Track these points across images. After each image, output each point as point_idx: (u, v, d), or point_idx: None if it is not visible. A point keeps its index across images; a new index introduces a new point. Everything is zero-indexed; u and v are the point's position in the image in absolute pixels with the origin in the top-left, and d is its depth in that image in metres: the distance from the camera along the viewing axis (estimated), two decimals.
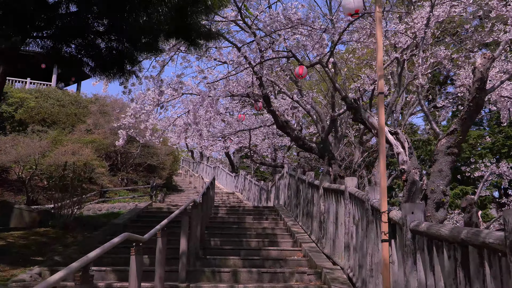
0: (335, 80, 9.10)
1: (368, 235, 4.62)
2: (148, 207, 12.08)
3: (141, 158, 19.07)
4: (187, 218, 5.62)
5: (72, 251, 6.80)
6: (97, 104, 20.48)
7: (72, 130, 18.80)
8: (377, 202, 4.44)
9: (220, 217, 10.79)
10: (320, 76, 17.44)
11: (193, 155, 35.80)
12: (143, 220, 9.98)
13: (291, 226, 9.17)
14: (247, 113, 18.55)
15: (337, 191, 6.50)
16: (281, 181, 13.92)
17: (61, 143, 16.12)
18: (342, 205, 6.18)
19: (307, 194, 9.05)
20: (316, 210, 8.00)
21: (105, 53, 6.78)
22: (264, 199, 17.37)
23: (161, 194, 19.60)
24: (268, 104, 11.81)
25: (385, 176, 4.03)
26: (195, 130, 13.88)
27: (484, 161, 14.11)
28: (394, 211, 3.83)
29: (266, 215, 11.14)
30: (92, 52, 6.77)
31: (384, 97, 17.33)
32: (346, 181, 5.95)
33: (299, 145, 12.87)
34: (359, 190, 5.52)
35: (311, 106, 14.61)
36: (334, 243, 6.55)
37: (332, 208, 6.82)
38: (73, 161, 14.91)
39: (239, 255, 7.27)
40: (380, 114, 4.12)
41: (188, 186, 26.00)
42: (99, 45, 6.70)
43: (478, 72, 6.84)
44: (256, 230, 9.34)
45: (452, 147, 7.42)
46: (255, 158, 19.73)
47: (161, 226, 4.24)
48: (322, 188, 7.42)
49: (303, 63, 8.97)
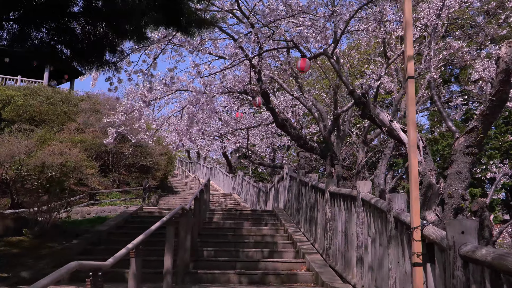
0: (341, 73, 8.26)
1: (391, 252, 3.80)
2: (138, 212, 11.23)
3: (133, 158, 18.18)
4: (172, 228, 4.79)
5: (44, 264, 5.96)
6: (88, 102, 19.59)
7: (61, 129, 17.91)
8: (402, 213, 3.61)
9: (215, 222, 9.95)
10: (322, 73, 16.62)
11: (190, 155, 34.93)
12: (130, 227, 9.14)
13: (293, 233, 8.33)
14: (245, 111, 17.70)
15: (347, 197, 5.67)
16: (280, 183, 13.09)
17: (48, 142, 15.23)
18: (353, 213, 5.36)
19: (310, 198, 8.22)
20: (320, 216, 7.17)
21: (81, 39, 5.93)
22: (262, 201, 16.53)
23: (155, 196, 18.73)
24: (267, 101, 10.98)
25: (417, 184, 3.21)
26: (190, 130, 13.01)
27: (495, 162, 13.31)
28: (430, 227, 3.00)
29: (265, 220, 10.31)
30: (67, 38, 5.93)
31: (389, 94, 16.42)
32: (358, 185, 5.13)
33: (300, 145, 12.07)
34: (376, 197, 4.69)
35: (312, 104, 13.78)
36: (343, 256, 5.72)
37: (340, 215, 5.99)
38: (60, 161, 14.06)
39: (235, 268, 6.45)
40: (409, 105, 3.29)
41: (184, 187, 25.14)
42: (75, 29, 5.86)
43: (503, 63, 5.99)
44: (254, 237, 8.51)
45: (472, 147, 6.62)
46: (253, 159, 18.89)
47: (134, 244, 3.40)
48: (329, 192, 6.59)
49: (305, 55, 8.14)
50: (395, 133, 7.35)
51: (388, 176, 19.49)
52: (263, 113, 16.97)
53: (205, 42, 9.87)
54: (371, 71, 12.74)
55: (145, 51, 9.12)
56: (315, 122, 22.15)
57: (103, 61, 6.08)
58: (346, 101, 18.36)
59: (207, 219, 10.13)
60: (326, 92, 15.87)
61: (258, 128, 19.46)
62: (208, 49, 10.17)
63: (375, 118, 7.85)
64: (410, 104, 3.26)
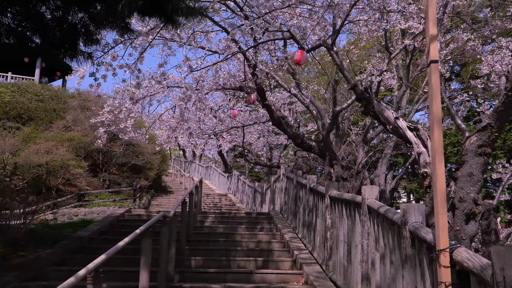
0: (342, 66, 7.63)
1: (406, 274, 3.18)
2: (126, 214, 10.57)
3: (125, 157, 17.50)
4: (149, 241, 4.15)
5: (10, 278, 5.31)
6: (79, 99, 18.90)
7: (49, 126, 17.22)
8: (421, 228, 2.99)
9: (207, 227, 9.31)
10: (321, 69, 15.98)
11: (185, 154, 34.26)
12: (115, 232, 8.49)
13: (290, 240, 7.70)
14: (241, 109, 17.05)
15: (350, 203, 5.04)
16: (277, 184, 12.46)
17: (34, 141, 14.57)
18: (357, 222, 4.73)
19: (308, 202, 7.59)
20: (320, 223, 6.55)
21: (53, 26, 5.28)
22: (258, 202, 15.90)
23: (147, 196, 18.06)
24: (262, 97, 10.36)
25: (443, 197, 2.60)
26: (183, 128, 12.35)
27: (501, 162, 12.74)
28: (463, 250, 2.37)
29: (261, 224, 9.67)
30: (37, 24, 5.28)
31: (390, 92, 15.69)
32: (363, 191, 4.50)
33: (297, 144, 11.47)
34: (385, 206, 4.07)
35: (310, 101, 13.16)
36: (346, 269, 5.09)
37: (342, 223, 5.37)
38: (45, 161, 13.40)
39: (225, 280, 5.82)
40: (433, 96, 2.65)
41: (179, 187, 24.49)
42: (44, 15, 5.21)
43: None
44: (248, 244, 7.88)
45: (485, 146, 6.06)
46: (249, 158, 18.23)
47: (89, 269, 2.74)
48: (329, 197, 5.96)
49: (302, 47, 7.51)
50: (401, 132, 6.74)
51: (388, 176, 18.90)
52: (260, 110, 16.34)
53: (197, 35, 9.23)
54: (372, 66, 12.10)
55: (131, 43, 8.45)
56: (313, 120, 21.53)
57: (76, 51, 5.43)
58: (345, 98, 17.75)
59: (198, 223, 9.50)
60: (325, 89, 15.22)
61: (254, 126, 18.82)
62: (199, 43, 9.52)
63: (379, 115, 7.24)
64: (435, 95, 2.62)
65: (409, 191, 20.56)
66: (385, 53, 12.03)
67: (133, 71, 8.73)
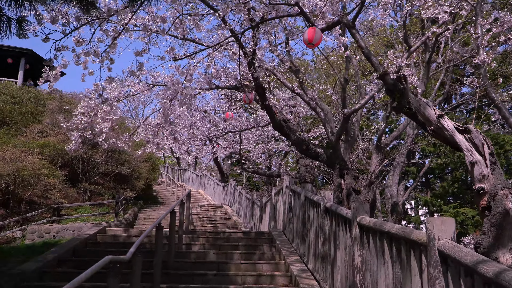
0: (367, 48, 5.89)
1: None
2: (98, 235, 8.76)
3: (108, 165, 15.70)
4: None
5: None
6: (58, 101, 17.12)
7: (23, 131, 15.44)
8: None
9: (193, 253, 7.52)
10: (329, 66, 14.30)
11: (179, 162, 32.46)
12: (77, 262, 6.69)
13: (298, 275, 5.92)
14: (238, 114, 15.31)
15: (400, 240, 3.29)
16: (279, 197, 10.69)
17: (2, 147, 12.78)
18: (415, 272, 2.99)
19: (323, 227, 5.82)
20: (341, 257, 4.79)
21: None
22: (257, 217, 14.10)
23: (133, 209, 16.26)
24: (262, 97, 8.67)
25: None
26: (166, 131, 10.58)
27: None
28: None
29: (261, 249, 7.90)
30: None
31: None
32: (431, 224, 2.74)
33: (302, 151, 9.77)
34: (478, 254, 2.31)
35: (316, 103, 11.41)
36: None
37: (383, 267, 3.61)
38: (12, 170, 11.62)
39: None
40: None
41: (171, 197, 22.67)
42: None
43: None
44: (245, 279, 6.10)
45: None
46: (247, 166, 16.46)
47: None
48: (358, 225, 4.21)
49: (314, 24, 5.80)
50: (445, 134, 5.01)
51: (399, 187, 17.14)
52: (259, 113, 14.61)
53: (185, 23, 7.49)
54: (389, 62, 10.40)
55: (99, 25, 6.71)
56: (316, 125, 19.80)
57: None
58: (351, 101, 16.07)
59: (183, 248, 7.72)
60: (333, 88, 13.50)
61: (252, 131, 17.09)
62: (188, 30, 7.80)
63: (415, 112, 5.52)
64: None
65: (424, 203, 18.76)
66: (404, 46, 10.34)
67: (102, 60, 6.96)
